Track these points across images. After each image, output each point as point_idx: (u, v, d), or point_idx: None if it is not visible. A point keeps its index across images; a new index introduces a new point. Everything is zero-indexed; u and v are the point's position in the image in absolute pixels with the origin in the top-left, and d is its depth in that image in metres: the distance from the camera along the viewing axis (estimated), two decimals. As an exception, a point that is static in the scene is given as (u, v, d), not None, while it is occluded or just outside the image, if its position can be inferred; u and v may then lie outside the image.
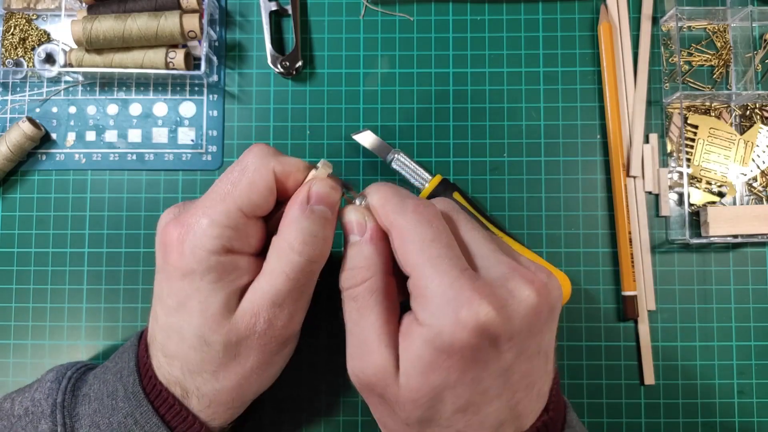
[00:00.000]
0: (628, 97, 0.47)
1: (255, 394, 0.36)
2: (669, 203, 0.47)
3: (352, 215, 0.33)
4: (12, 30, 0.48)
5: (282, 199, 0.35)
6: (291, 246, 0.32)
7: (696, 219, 0.46)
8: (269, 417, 0.45)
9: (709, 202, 0.47)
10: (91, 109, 0.48)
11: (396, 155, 0.45)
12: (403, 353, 0.30)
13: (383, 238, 0.33)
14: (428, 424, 0.30)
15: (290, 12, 0.48)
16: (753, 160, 0.47)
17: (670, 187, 0.47)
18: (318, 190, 0.33)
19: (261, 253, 0.34)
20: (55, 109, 0.48)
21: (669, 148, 0.47)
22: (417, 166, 0.45)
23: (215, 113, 0.48)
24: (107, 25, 0.44)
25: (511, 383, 0.30)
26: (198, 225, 0.32)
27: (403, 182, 0.46)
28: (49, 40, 0.48)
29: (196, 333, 0.32)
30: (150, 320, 0.36)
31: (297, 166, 0.34)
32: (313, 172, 0.34)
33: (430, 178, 0.44)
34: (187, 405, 0.34)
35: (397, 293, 0.33)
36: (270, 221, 0.36)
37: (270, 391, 0.38)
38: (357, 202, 0.34)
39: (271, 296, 0.32)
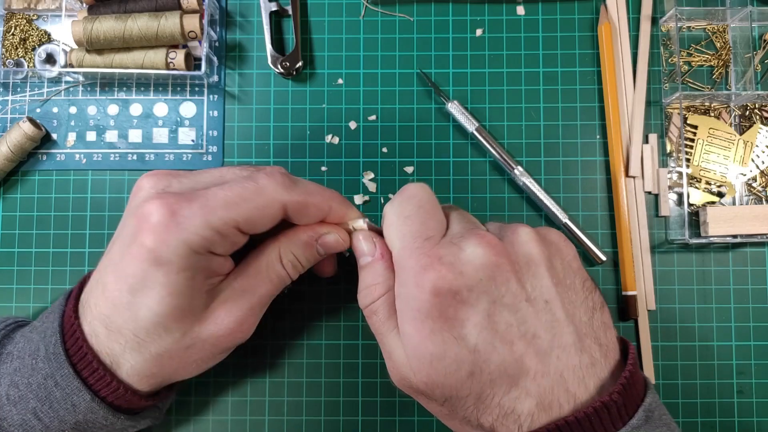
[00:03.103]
0: (627, 97, 0.48)
1: (183, 378, 0.37)
2: (668, 203, 0.47)
3: (362, 241, 0.36)
4: (12, 30, 0.48)
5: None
6: (283, 263, 0.36)
7: (695, 219, 0.46)
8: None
9: (708, 202, 0.47)
10: (92, 110, 0.48)
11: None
12: (402, 340, 0.33)
13: (391, 255, 0.35)
14: (453, 400, 0.32)
15: (290, 12, 0.48)
16: (752, 160, 0.47)
17: (670, 187, 0.47)
18: (332, 241, 0.37)
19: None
20: (55, 110, 0.48)
21: (668, 148, 0.47)
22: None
23: (215, 113, 0.48)
24: (108, 25, 0.44)
25: (501, 334, 0.30)
26: (190, 221, 0.31)
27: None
28: (49, 40, 0.49)
29: (155, 319, 0.32)
30: (91, 284, 0.35)
31: (314, 206, 0.35)
32: (354, 223, 0.37)
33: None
34: (115, 373, 0.34)
35: None
36: None
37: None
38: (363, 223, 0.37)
39: (251, 300, 0.35)
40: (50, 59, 0.48)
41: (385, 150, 0.47)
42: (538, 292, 0.32)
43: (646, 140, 0.47)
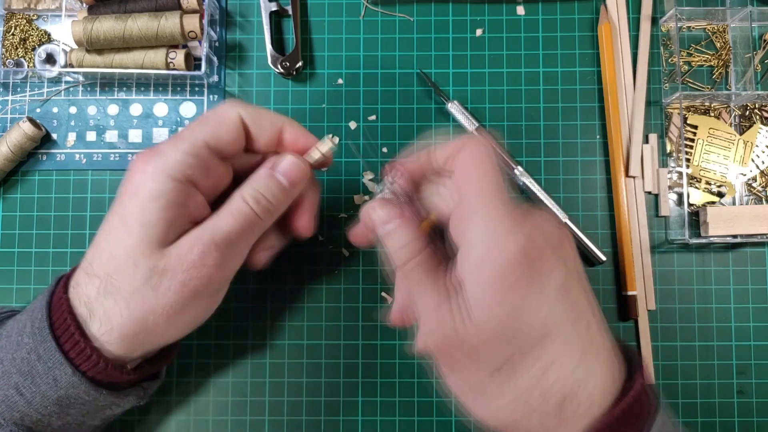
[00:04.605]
0: (627, 97, 0.48)
1: (161, 339, 0.36)
2: (668, 203, 0.47)
3: (380, 210, 0.34)
4: (13, 30, 0.48)
5: (251, 149, 0.37)
6: (243, 197, 0.35)
7: (695, 219, 0.46)
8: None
9: (708, 202, 0.47)
10: (92, 110, 0.48)
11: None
12: (467, 290, 0.30)
13: (412, 217, 0.34)
14: (519, 361, 0.30)
15: (290, 12, 0.48)
16: (752, 161, 0.47)
17: (670, 187, 0.47)
18: (285, 163, 0.36)
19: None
20: (55, 110, 0.48)
21: (668, 148, 0.47)
22: None
23: (215, 113, 0.48)
24: (107, 25, 0.44)
25: (573, 299, 0.31)
26: (164, 151, 0.34)
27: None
28: (49, 40, 0.49)
29: (128, 252, 0.33)
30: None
31: (269, 117, 0.37)
32: (320, 144, 0.37)
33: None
34: (89, 328, 0.34)
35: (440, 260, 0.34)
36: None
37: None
38: (384, 186, 0.36)
39: (213, 233, 0.34)
40: (50, 59, 0.48)
41: (385, 150, 0.47)
42: (583, 275, 0.33)
43: (646, 140, 0.47)
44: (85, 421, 0.36)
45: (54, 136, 0.48)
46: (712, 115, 0.47)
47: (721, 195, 0.47)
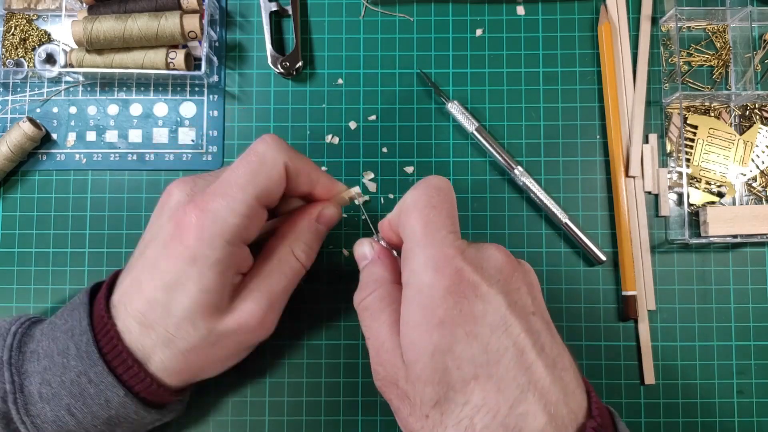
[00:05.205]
0: (627, 97, 0.48)
1: (205, 377, 0.38)
2: (668, 203, 0.47)
3: (363, 246, 0.37)
4: (12, 30, 0.48)
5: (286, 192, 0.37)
6: (294, 253, 0.37)
7: (695, 219, 0.46)
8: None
9: (708, 202, 0.47)
10: (92, 110, 0.48)
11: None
12: (401, 331, 0.31)
13: (389, 256, 0.36)
14: (446, 404, 0.29)
15: (290, 12, 0.48)
16: (752, 161, 0.47)
17: (670, 187, 0.47)
18: (329, 214, 0.38)
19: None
20: (55, 110, 0.48)
21: (668, 148, 0.47)
22: None
23: (215, 113, 0.48)
24: (107, 25, 0.44)
25: (514, 337, 0.29)
26: (219, 213, 0.33)
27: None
28: (49, 40, 0.49)
29: (186, 314, 0.34)
30: (125, 285, 0.36)
31: (309, 166, 0.37)
32: (351, 191, 0.39)
33: None
34: (146, 367, 0.35)
35: None
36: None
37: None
38: (375, 238, 0.38)
39: (269, 296, 0.36)
40: (50, 59, 0.48)
41: (385, 150, 0.47)
42: (541, 310, 0.32)
43: (646, 140, 0.47)
44: None
45: (54, 136, 0.48)
46: (712, 115, 0.47)
47: (721, 195, 0.47)
